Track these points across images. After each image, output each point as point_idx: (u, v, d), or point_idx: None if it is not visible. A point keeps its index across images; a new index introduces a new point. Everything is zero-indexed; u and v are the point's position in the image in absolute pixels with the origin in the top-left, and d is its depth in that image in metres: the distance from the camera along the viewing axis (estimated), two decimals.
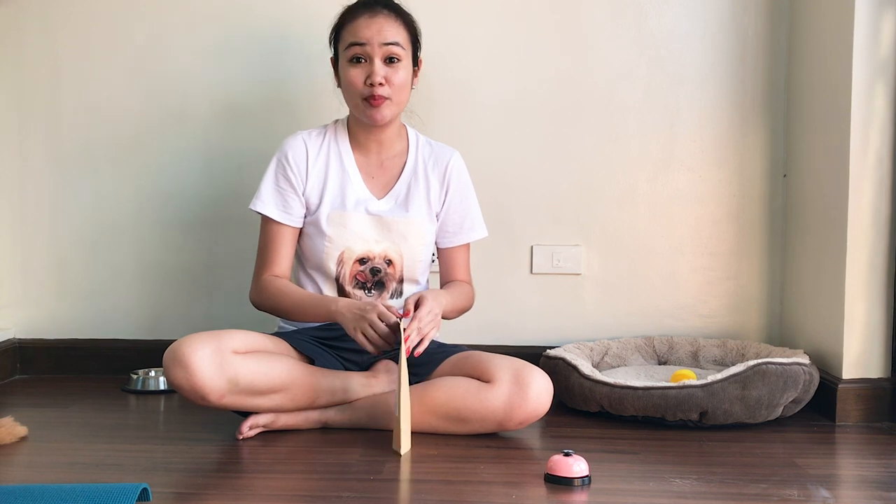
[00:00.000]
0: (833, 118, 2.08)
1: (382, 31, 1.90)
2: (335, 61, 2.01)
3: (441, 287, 2.08)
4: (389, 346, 1.77)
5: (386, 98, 1.91)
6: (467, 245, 2.10)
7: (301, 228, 2.00)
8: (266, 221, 1.98)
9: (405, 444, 1.71)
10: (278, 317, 1.99)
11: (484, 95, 2.39)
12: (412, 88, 2.00)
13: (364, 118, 1.95)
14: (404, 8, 1.98)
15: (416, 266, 2.01)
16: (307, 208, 1.98)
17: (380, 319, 1.75)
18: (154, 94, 2.42)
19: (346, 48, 1.92)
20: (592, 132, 2.39)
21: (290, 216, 1.97)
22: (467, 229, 2.08)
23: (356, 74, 1.91)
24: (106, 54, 2.42)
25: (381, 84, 1.89)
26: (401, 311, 1.78)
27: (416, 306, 1.79)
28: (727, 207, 2.40)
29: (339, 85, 2.00)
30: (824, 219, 2.13)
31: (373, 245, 1.98)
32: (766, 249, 2.40)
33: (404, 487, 1.54)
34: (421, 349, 1.75)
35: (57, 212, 2.45)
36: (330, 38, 2.01)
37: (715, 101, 2.38)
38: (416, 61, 1.99)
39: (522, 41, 2.38)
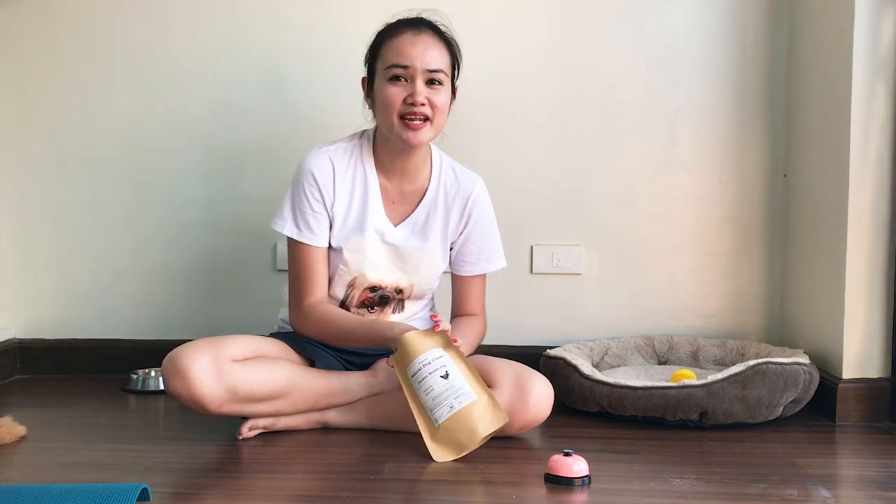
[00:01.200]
0: (833, 118, 2.08)
1: (427, 56, 1.82)
2: (368, 81, 1.92)
3: (451, 319, 2.03)
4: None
5: (426, 119, 1.83)
6: (484, 276, 2.04)
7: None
8: (297, 245, 1.90)
9: (437, 453, 1.69)
10: (330, 342, 1.92)
11: (483, 95, 2.39)
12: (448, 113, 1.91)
13: (398, 141, 1.85)
14: (448, 31, 1.91)
15: (425, 291, 2.00)
16: (330, 229, 1.92)
17: None
18: (154, 94, 2.42)
19: (387, 67, 1.83)
20: (592, 132, 2.39)
21: (319, 237, 1.89)
22: (485, 260, 2.01)
23: (396, 93, 1.82)
24: (106, 54, 2.42)
25: (422, 104, 1.82)
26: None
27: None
28: (727, 207, 2.40)
29: (371, 106, 1.92)
30: (824, 219, 2.13)
31: (385, 275, 1.93)
32: (766, 249, 2.40)
33: (404, 487, 1.54)
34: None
35: (57, 212, 2.45)
36: (366, 57, 1.92)
37: (715, 101, 2.38)
38: (454, 82, 1.92)
39: (522, 41, 2.38)
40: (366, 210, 1.91)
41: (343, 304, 1.95)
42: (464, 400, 1.68)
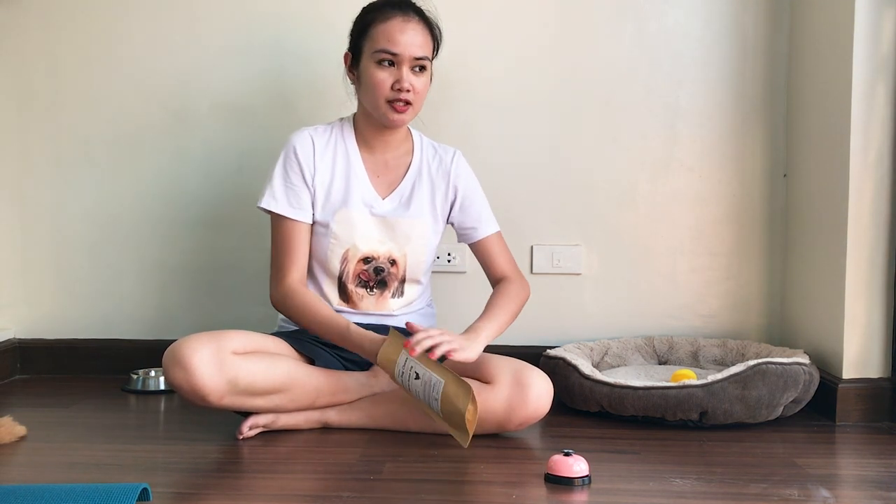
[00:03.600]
0: (833, 118, 2.08)
1: (415, 44, 1.89)
2: (351, 56, 1.97)
3: (492, 285, 2.04)
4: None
5: (410, 104, 1.92)
6: (497, 234, 2.07)
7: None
8: (279, 220, 1.95)
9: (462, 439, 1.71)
10: (301, 328, 1.95)
11: (484, 95, 2.39)
12: None
13: (384, 121, 1.94)
14: (431, 15, 1.97)
15: (419, 267, 2.01)
16: (315, 204, 1.97)
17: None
18: (154, 94, 2.42)
19: (376, 51, 1.89)
20: (592, 132, 2.39)
21: (303, 212, 1.95)
22: (487, 219, 2.06)
23: (384, 78, 1.89)
24: (106, 54, 2.42)
25: (408, 90, 1.90)
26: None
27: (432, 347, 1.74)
28: (727, 207, 2.40)
29: (354, 81, 1.98)
30: (824, 218, 2.13)
31: (377, 245, 1.97)
32: (766, 249, 2.40)
33: (404, 487, 1.54)
34: (437, 352, 1.71)
35: (57, 212, 2.45)
36: (351, 31, 1.98)
37: (715, 101, 2.38)
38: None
39: (522, 41, 2.38)
40: (349, 183, 1.97)
41: (340, 281, 1.96)
42: (438, 388, 1.70)
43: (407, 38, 1.89)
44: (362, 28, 1.94)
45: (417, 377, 1.71)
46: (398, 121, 1.93)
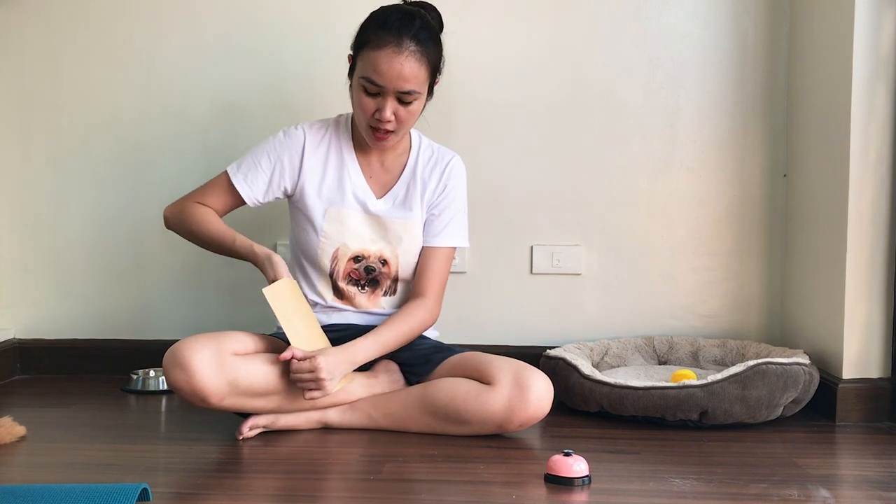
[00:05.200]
0: (833, 118, 2.08)
1: (401, 77, 1.82)
2: (352, 62, 1.93)
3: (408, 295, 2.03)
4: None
5: (391, 132, 1.90)
6: (449, 250, 2.02)
7: (297, 222, 2.00)
8: (226, 180, 1.97)
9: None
10: (190, 241, 1.99)
11: (484, 96, 2.39)
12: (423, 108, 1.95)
13: (368, 142, 1.94)
14: (431, 35, 1.89)
15: (410, 266, 2.01)
16: (300, 200, 1.97)
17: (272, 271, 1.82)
18: (154, 94, 2.42)
19: (362, 77, 1.85)
20: (592, 132, 2.39)
21: (248, 188, 1.96)
22: (450, 233, 2.01)
23: (367, 104, 1.87)
24: (106, 54, 2.42)
25: (388, 121, 1.87)
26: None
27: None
28: (727, 208, 2.40)
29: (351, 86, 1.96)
30: (824, 219, 2.13)
31: (368, 244, 1.97)
32: (766, 249, 2.40)
33: (404, 487, 1.54)
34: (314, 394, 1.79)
35: (57, 212, 2.46)
36: (353, 42, 1.93)
37: (715, 101, 2.38)
38: (432, 87, 1.95)
39: (522, 41, 2.38)
40: (342, 182, 1.97)
41: (331, 278, 1.97)
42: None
43: (394, 72, 1.82)
44: (360, 44, 1.89)
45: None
46: (379, 146, 1.94)
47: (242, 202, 1.98)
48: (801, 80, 2.28)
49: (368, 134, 1.92)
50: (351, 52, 1.95)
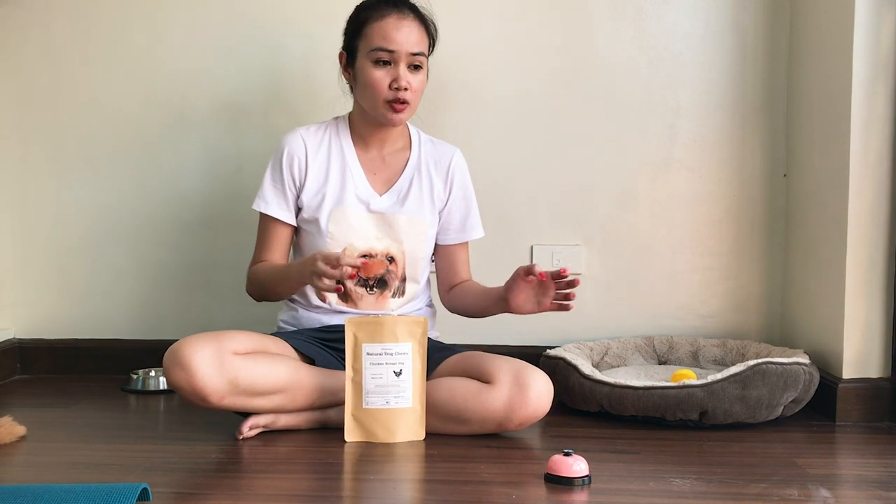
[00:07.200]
0: (833, 117, 2.08)
1: (411, 40, 1.90)
2: (346, 56, 1.98)
3: (447, 289, 2.10)
4: (340, 279, 1.75)
5: (408, 103, 1.93)
6: (467, 244, 2.11)
7: (302, 225, 2.00)
8: (266, 219, 2.00)
9: (350, 432, 1.78)
10: (270, 300, 2.01)
11: (484, 95, 2.39)
12: None
13: (382, 120, 1.95)
14: (426, 11, 1.98)
15: (418, 264, 2.01)
16: (306, 204, 1.98)
17: (324, 262, 1.75)
18: (154, 94, 2.42)
19: (372, 50, 1.90)
20: (592, 132, 2.39)
21: (290, 214, 1.99)
22: (470, 227, 2.09)
23: (381, 77, 1.90)
24: (106, 54, 2.42)
25: (405, 89, 1.90)
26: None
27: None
28: (727, 207, 2.40)
29: (350, 80, 2.00)
30: (824, 219, 2.13)
31: (374, 242, 1.98)
32: (766, 249, 2.40)
33: (404, 487, 1.54)
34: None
35: (57, 212, 2.45)
36: (345, 30, 1.99)
37: (715, 101, 2.38)
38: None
39: (522, 41, 2.38)
40: (345, 182, 1.98)
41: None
42: (402, 402, 1.77)
43: (403, 35, 1.90)
44: (357, 27, 1.95)
45: (399, 374, 1.77)
46: (396, 120, 1.95)
47: (291, 227, 2.00)
48: (801, 79, 2.28)
49: (386, 109, 1.92)
50: (342, 50, 1.99)
